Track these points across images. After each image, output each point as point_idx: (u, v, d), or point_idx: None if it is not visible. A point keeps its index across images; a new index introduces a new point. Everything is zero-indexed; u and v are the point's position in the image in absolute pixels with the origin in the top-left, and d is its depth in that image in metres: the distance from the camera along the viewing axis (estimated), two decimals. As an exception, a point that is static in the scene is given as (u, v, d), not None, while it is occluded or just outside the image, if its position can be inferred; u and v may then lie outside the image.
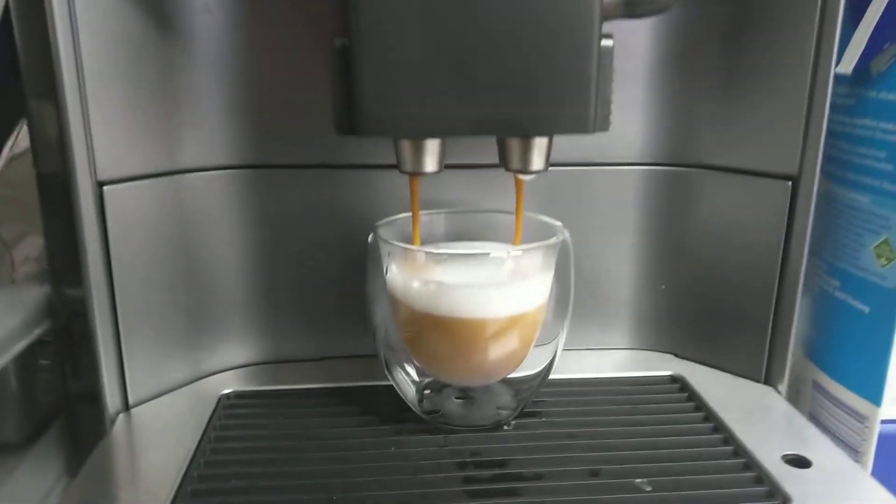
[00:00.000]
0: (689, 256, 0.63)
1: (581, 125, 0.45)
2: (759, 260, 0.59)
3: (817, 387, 0.63)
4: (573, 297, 0.54)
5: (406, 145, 0.47)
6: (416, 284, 0.49)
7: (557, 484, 0.47)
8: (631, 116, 0.60)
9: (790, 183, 0.57)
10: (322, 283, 0.62)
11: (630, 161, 0.62)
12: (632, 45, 0.58)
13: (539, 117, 0.45)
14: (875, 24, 0.54)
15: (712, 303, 0.63)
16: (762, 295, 0.60)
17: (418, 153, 0.47)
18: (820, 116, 0.54)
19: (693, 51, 0.59)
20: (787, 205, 0.57)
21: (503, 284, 0.50)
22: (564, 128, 0.45)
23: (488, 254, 0.49)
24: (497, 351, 0.51)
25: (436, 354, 0.53)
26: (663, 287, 0.65)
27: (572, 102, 0.44)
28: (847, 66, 0.56)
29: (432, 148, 0.47)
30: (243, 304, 0.62)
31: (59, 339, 0.59)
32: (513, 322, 0.50)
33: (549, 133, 0.47)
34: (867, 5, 0.55)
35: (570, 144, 0.54)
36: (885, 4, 0.54)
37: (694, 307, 0.64)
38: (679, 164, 0.62)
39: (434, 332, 0.50)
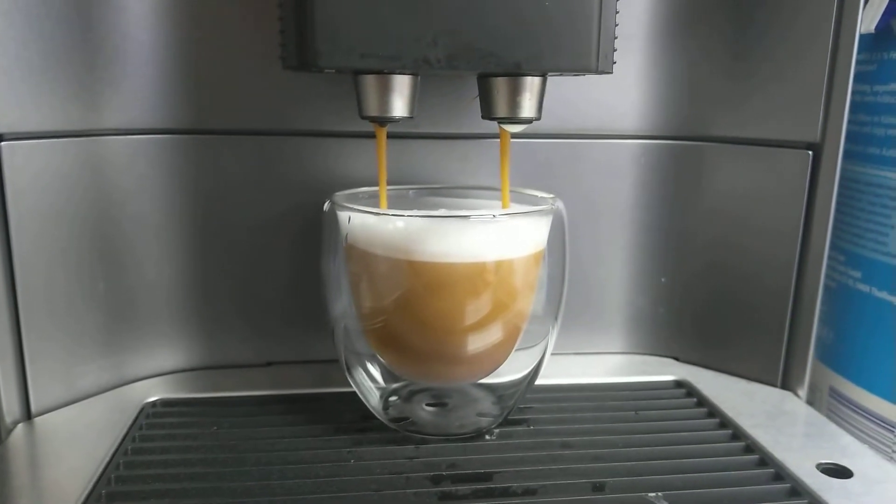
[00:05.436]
0: (693, 244, 0.56)
1: (584, 61, 0.39)
2: (775, 245, 0.53)
3: (835, 394, 0.56)
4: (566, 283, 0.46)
5: (370, 82, 0.39)
6: (381, 223, 0.41)
7: (554, 499, 0.40)
8: (627, 82, 0.54)
9: (811, 153, 0.50)
10: (267, 272, 0.54)
11: (626, 133, 0.55)
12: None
13: (534, 50, 0.38)
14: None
15: (720, 297, 0.56)
16: (778, 286, 0.53)
17: (385, 92, 0.39)
18: (845, 75, 0.48)
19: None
20: (808, 179, 0.51)
21: (493, 220, 0.42)
22: (564, 64, 0.39)
23: (468, 216, 0.41)
24: (484, 326, 0.43)
25: (407, 337, 0.44)
26: (663, 280, 0.57)
27: (573, 33, 0.38)
28: (868, 24, 0.51)
29: (401, 86, 0.39)
30: (174, 297, 0.53)
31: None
32: (504, 274, 0.42)
33: (547, 69, 0.40)
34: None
35: (556, 110, 0.49)
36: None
37: (698, 303, 0.57)
38: (681, 138, 0.55)
39: (408, 297, 0.42)
